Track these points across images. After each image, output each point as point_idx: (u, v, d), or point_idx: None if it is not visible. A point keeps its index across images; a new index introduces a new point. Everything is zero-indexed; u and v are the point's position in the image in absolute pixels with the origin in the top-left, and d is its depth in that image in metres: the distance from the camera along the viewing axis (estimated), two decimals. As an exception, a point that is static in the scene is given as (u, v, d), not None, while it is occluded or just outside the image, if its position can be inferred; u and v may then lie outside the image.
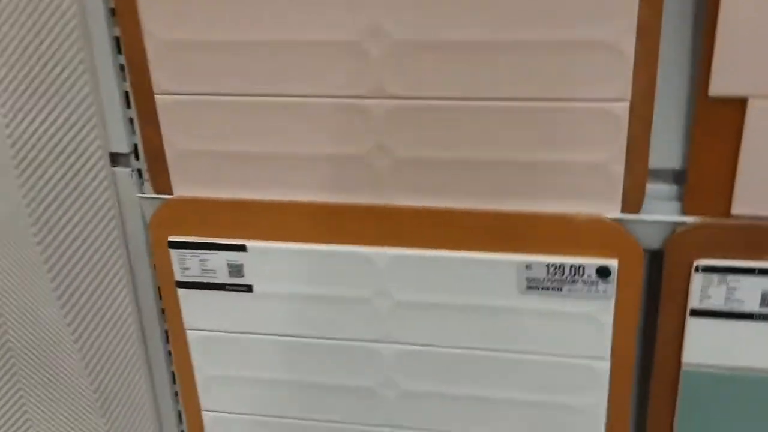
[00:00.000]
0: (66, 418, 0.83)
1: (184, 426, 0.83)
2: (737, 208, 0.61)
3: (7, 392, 0.83)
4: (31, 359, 0.81)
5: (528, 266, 0.65)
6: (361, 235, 0.67)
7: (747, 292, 0.62)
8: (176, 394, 0.82)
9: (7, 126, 0.70)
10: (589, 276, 0.64)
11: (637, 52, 0.57)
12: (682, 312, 0.65)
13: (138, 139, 0.70)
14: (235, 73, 0.64)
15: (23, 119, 0.69)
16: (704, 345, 0.65)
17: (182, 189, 0.70)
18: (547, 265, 0.65)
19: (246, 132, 0.66)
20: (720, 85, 0.56)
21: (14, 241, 0.75)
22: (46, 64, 0.67)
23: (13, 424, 0.85)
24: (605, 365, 0.68)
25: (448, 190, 0.65)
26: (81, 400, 0.82)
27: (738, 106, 0.57)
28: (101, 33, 0.66)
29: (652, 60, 0.57)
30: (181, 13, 0.62)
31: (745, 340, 0.64)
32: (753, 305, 0.63)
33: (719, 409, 0.68)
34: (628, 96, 0.58)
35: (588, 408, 0.70)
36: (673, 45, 0.58)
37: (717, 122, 0.58)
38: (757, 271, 0.61)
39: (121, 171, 0.71)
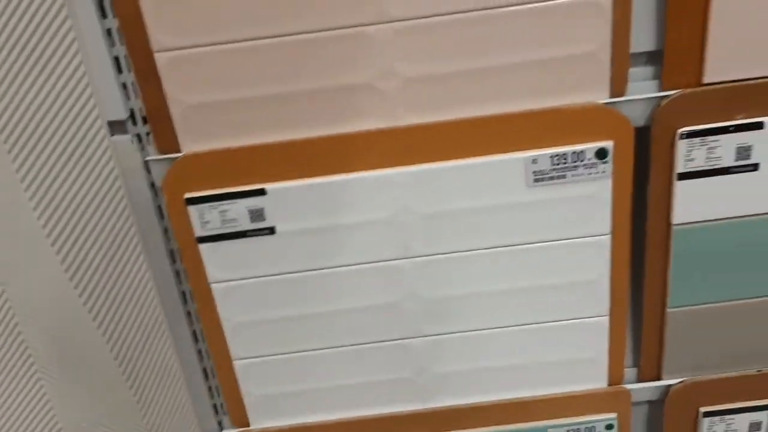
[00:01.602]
0: (90, 394, 0.83)
1: (215, 381, 0.85)
2: (709, 77, 0.69)
3: (23, 376, 0.82)
4: (45, 339, 0.80)
5: (534, 160, 0.71)
6: (376, 159, 0.71)
7: (724, 149, 0.71)
8: (200, 352, 0.84)
9: (-6, 109, 0.68)
10: (589, 159, 0.71)
11: (615, -54, 0.62)
12: (669, 177, 0.73)
13: (135, 104, 0.70)
14: (231, 19, 0.65)
15: (14, 96, 0.67)
16: (691, 204, 0.74)
17: (190, 145, 0.70)
18: (551, 156, 0.71)
19: (251, 76, 0.67)
20: (690, -34, 0.63)
21: (16, 227, 0.73)
22: (32, 35, 0.65)
23: (33, 408, 0.83)
24: (607, 239, 0.75)
25: (453, 101, 0.69)
26: (104, 374, 0.82)
27: (705, -17, 0.64)
28: (84, -2, 0.65)
29: (629, -48, 0.63)
30: (174, -33, 0.62)
31: (725, 193, 0.73)
32: (729, 160, 0.71)
33: (707, 260, 0.77)
34: (611, -13, 0.64)
35: (594, 281, 0.78)
36: (642, -64, 0.64)
37: (686, 1, 0.65)
38: (731, 129, 0.70)
39: (121, 138, 0.71)
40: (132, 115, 0.71)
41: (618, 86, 0.69)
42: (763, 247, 0.76)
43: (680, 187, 0.73)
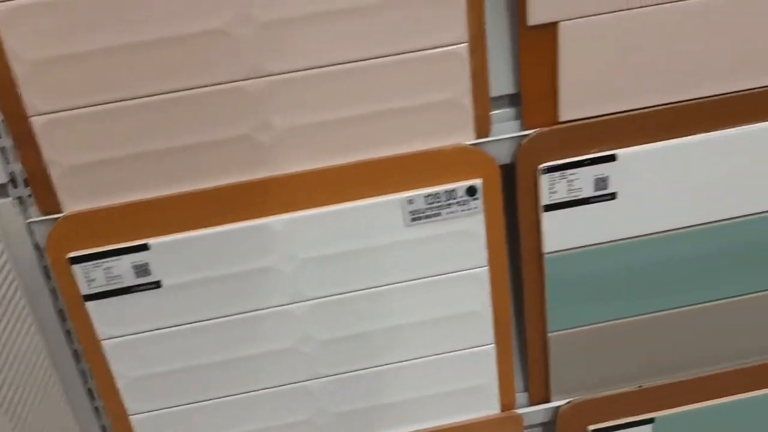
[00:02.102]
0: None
1: (112, 436, 0.84)
2: (563, 115, 0.74)
3: None
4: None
5: (410, 201, 0.75)
6: (257, 208, 0.73)
7: (583, 181, 0.76)
8: (96, 409, 0.83)
9: None
10: (461, 197, 0.75)
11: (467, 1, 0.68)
12: (536, 210, 0.78)
13: (15, 167, 0.70)
14: (105, 81, 0.66)
15: None
16: (558, 233, 0.79)
17: (71, 205, 0.71)
18: (425, 196, 0.75)
19: (127, 135, 0.69)
20: (536, 15, 0.69)
21: None
22: None
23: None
24: (485, 271, 0.80)
25: (330, 149, 0.72)
26: (-3, 442, 0.80)
27: (551, 30, 0.70)
28: (-45, 68, 0.66)
29: (479, 4, 0.68)
30: (44, 31, 0.64)
31: (588, 221, 0.78)
32: (589, 191, 0.77)
33: (579, 286, 0.82)
34: (466, 38, 0.69)
35: (477, 311, 0.82)
36: (492, -10, 0.69)
37: (537, 47, 0.71)
38: (587, 162, 0.75)
39: (2, 201, 0.71)
40: (13, 179, 0.71)
41: (482, 128, 0.74)
42: (627, 270, 0.82)
43: (547, 218, 0.78)
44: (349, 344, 0.81)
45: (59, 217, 0.71)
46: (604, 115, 0.75)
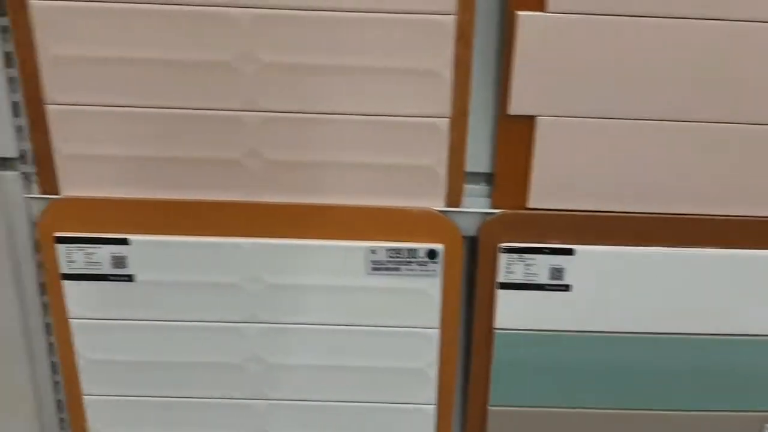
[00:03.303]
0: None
1: (65, 413, 0.90)
2: (532, 203, 0.78)
3: None
4: None
5: (373, 251, 0.79)
6: (234, 227, 0.79)
7: (540, 268, 0.80)
8: (56, 384, 0.89)
9: None
10: (421, 257, 0.79)
11: (454, 79, 0.73)
12: (492, 285, 0.81)
13: (27, 146, 0.78)
14: (119, 86, 0.74)
15: None
16: (510, 311, 0.82)
17: (68, 190, 0.78)
18: (387, 249, 0.79)
19: (129, 138, 0.76)
20: (516, 106, 0.74)
21: None
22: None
23: None
24: (436, 332, 0.83)
25: (308, 188, 0.78)
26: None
27: (529, 122, 0.75)
28: (-7, 49, 0.74)
29: (466, 85, 0.73)
30: (72, 31, 0.71)
31: (540, 306, 0.82)
32: (544, 278, 0.80)
33: (524, 366, 0.85)
34: (449, 113, 0.74)
35: (422, 369, 0.85)
36: (482, 74, 0.74)
37: (514, 135, 0.76)
38: (546, 251, 0.79)
39: (9, 174, 0.79)
40: (22, 155, 0.79)
41: (453, 198, 0.78)
42: (573, 362, 0.84)
43: (501, 295, 0.81)
44: (293, 373, 0.86)
45: (54, 198, 0.78)
46: (569, 210, 0.78)
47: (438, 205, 0.79)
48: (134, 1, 0.70)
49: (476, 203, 0.80)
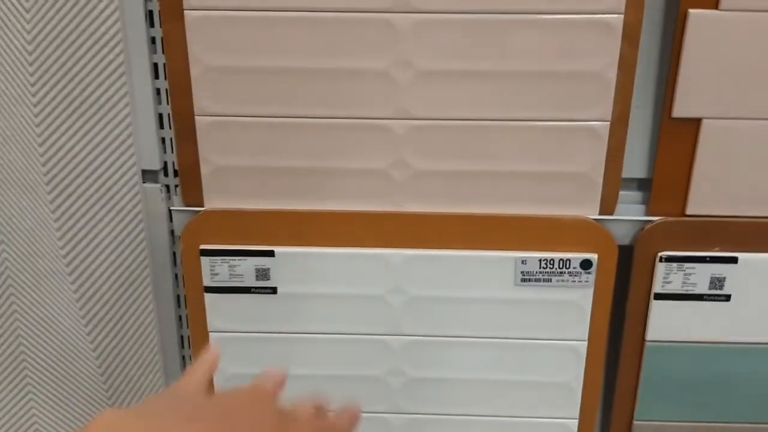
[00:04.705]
0: (75, 419, 0.87)
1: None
2: (691, 209, 0.75)
3: (15, 396, 0.87)
4: (44, 365, 0.85)
5: (524, 261, 0.77)
6: (377, 238, 0.77)
7: (699, 277, 0.76)
8: (188, 395, 0.88)
9: (42, 144, 0.75)
10: (574, 268, 0.76)
11: (617, 81, 0.70)
12: (647, 296, 0.78)
13: (169, 157, 0.77)
14: (270, 97, 0.72)
15: (59, 138, 0.75)
16: (665, 323, 0.79)
17: (213, 202, 0.77)
18: (540, 260, 0.76)
19: (276, 148, 0.74)
20: (681, 109, 0.70)
21: (40, 255, 0.79)
22: (86, 87, 0.73)
23: (18, 422, 0.88)
24: (584, 345, 0.80)
25: (456, 197, 0.75)
26: (94, 403, 0.86)
27: (694, 125, 0.71)
28: (141, 60, 0.73)
29: (629, 88, 0.70)
30: (225, 42, 0.70)
31: (697, 318, 0.78)
32: (703, 288, 0.77)
33: (676, 379, 0.81)
34: (609, 117, 0.71)
35: (568, 383, 0.82)
36: (643, 76, 0.71)
37: (677, 139, 0.72)
38: (707, 259, 0.75)
39: (151, 186, 0.78)
40: (165, 167, 0.78)
41: (608, 205, 0.75)
42: (730, 375, 0.80)
43: (656, 307, 0.78)
44: (435, 386, 0.83)
45: (200, 211, 0.77)
46: (732, 216, 0.75)
47: (592, 212, 0.76)
48: (287, 9, 0.69)
49: (629, 210, 0.76)
